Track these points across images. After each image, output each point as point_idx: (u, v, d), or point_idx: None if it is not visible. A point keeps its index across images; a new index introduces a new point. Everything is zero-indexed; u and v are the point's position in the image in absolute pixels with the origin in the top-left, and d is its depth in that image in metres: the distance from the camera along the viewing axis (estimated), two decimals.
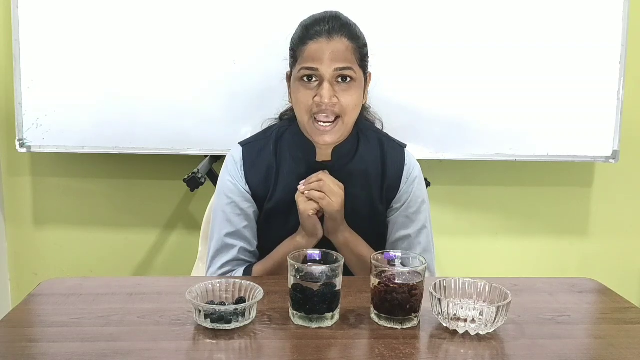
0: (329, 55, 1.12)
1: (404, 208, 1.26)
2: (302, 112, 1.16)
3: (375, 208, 1.26)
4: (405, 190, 1.26)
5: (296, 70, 1.16)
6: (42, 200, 1.96)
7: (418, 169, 1.29)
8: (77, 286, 1.05)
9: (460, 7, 1.75)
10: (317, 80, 1.14)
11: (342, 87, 1.14)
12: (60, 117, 1.73)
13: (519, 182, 2.03)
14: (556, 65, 1.79)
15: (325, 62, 1.12)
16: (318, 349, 0.83)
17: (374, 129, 1.32)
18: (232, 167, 1.25)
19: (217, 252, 1.24)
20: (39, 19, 1.69)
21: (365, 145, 1.26)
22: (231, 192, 1.24)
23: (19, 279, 2.01)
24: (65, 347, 0.82)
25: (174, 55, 1.72)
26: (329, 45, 1.12)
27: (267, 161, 1.24)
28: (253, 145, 1.27)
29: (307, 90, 1.14)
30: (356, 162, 1.24)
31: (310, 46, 1.13)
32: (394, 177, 1.25)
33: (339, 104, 1.14)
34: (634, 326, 0.95)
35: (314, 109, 1.14)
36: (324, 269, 0.91)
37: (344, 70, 1.13)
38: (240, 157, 1.25)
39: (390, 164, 1.26)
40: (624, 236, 2.10)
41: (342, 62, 1.13)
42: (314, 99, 1.13)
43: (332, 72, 1.12)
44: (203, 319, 0.88)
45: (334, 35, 1.13)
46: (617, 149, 1.83)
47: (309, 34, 1.14)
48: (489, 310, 0.88)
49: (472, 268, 2.06)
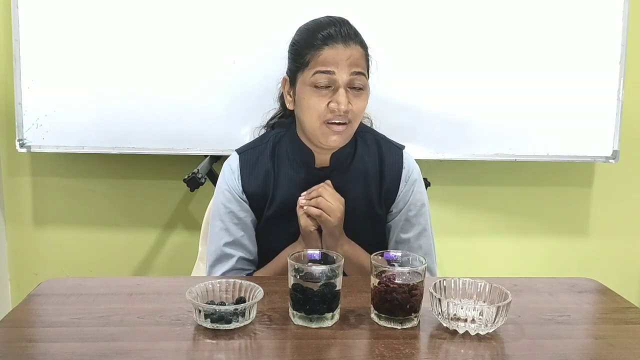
0: (345, 61, 1.11)
1: (404, 211, 1.25)
2: (312, 117, 1.15)
3: (374, 211, 1.25)
4: (404, 193, 1.25)
5: (307, 75, 1.14)
6: (42, 200, 1.96)
7: (417, 170, 1.28)
8: (77, 286, 1.05)
9: (460, 7, 1.75)
10: (330, 86, 1.13)
11: (354, 93, 1.14)
12: (60, 117, 1.73)
13: (519, 182, 2.03)
14: (556, 65, 1.79)
15: (342, 67, 1.11)
16: (318, 349, 0.83)
17: (371, 131, 1.31)
18: (229, 175, 1.25)
19: (216, 261, 1.24)
20: (39, 19, 1.69)
21: (363, 147, 1.25)
22: (228, 201, 1.24)
23: (19, 279, 2.01)
24: (65, 347, 0.82)
25: (174, 55, 1.72)
26: (345, 51, 1.12)
27: (265, 168, 1.23)
28: (250, 153, 1.26)
29: (321, 96, 1.13)
30: (354, 165, 1.24)
31: (326, 51, 1.12)
32: (392, 180, 1.25)
33: (352, 110, 1.14)
34: (634, 326, 0.95)
35: (328, 116, 1.13)
36: (324, 269, 0.91)
37: (358, 76, 1.13)
38: (237, 166, 1.24)
39: (389, 166, 1.25)
40: (624, 236, 2.10)
41: (358, 67, 1.13)
42: (329, 105, 1.12)
43: (348, 77, 1.12)
44: (203, 319, 0.88)
45: (349, 42, 1.13)
46: (617, 149, 1.83)
47: (322, 38, 1.13)
48: (489, 310, 0.88)
49: (472, 268, 2.06)
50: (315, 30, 1.15)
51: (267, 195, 1.22)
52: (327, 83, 1.12)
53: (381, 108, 1.41)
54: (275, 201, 1.22)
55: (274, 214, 1.23)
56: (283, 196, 1.21)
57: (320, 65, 1.12)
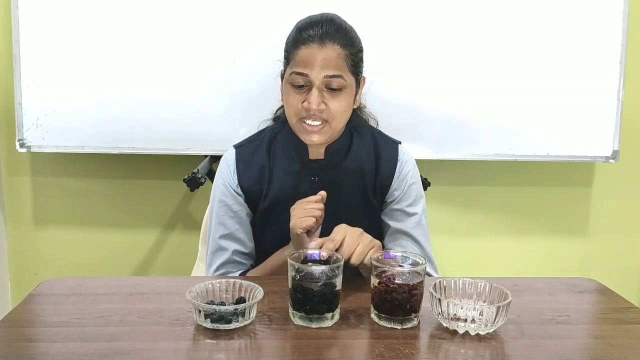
0: (319, 62, 1.12)
1: (398, 202, 1.26)
2: (290, 114, 1.18)
3: (369, 203, 1.26)
4: (397, 183, 1.27)
5: (288, 72, 1.17)
6: (42, 200, 1.96)
7: (412, 163, 1.30)
8: (77, 286, 1.05)
9: (461, 7, 1.75)
10: (306, 85, 1.14)
11: (331, 93, 1.15)
12: (60, 117, 1.73)
13: (519, 182, 2.03)
14: (556, 65, 1.79)
15: (315, 69, 1.12)
16: (318, 349, 0.83)
17: (367, 126, 1.33)
18: (225, 170, 1.27)
19: (212, 254, 1.26)
20: (39, 19, 1.69)
21: (358, 142, 1.27)
22: (224, 195, 1.25)
23: (19, 279, 2.01)
24: (65, 347, 0.82)
25: (174, 55, 1.72)
26: (321, 51, 1.12)
27: (261, 162, 1.25)
28: (246, 147, 1.28)
29: (297, 94, 1.15)
30: (350, 160, 1.25)
31: (302, 51, 1.14)
32: (387, 173, 1.26)
33: (327, 109, 1.15)
34: (634, 326, 0.95)
35: (303, 114, 1.16)
36: (324, 269, 0.91)
37: (334, 78, 1.13)
38: (234, 160, 1.26)
39: (384, 160, 1.27)
40: (624, 236, 2.10)
41: (332, 70, 1.13)
42: (303, 103, 1.15)
43: (321, 78, 1.13)
44: (203, 319, 0.88)
45: (326, 42, 1.13)
46: (617, 149, 1.83)
47: (301, 38, 1.15)
48: (489, 310, 0.88)
49: (472, 268, 2.06)
50: (300, 28, 1.18)
51: (262, 189, 1.24)
52: (302, 83, 1.14)
53: (381, 108, 1.42)
54: (269, 194, 1.24)
55: (268, 207, 1.24)
56: (277, 188, 1.23)
57: (296, 66, 1.14)
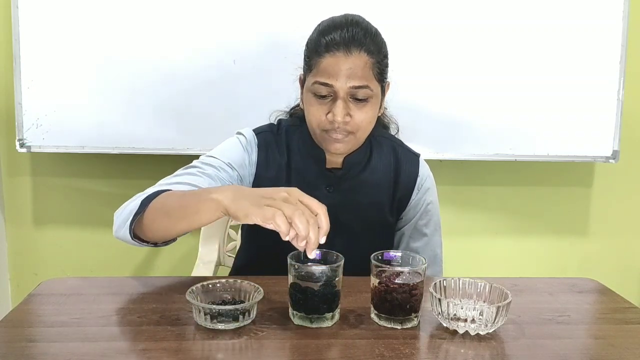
0: (345, 71, 1.04)
1: (414, 220, 1.24)
2: (313, 125, 1.11)
3: (384, 219, 1.23)
4: (415, 201, 1.23)
5: (309, 81, 1.09)
6: (42, 200, 1.96)
7: (431, 179, 1.26)
8: (77, 286, 1.05)
9: (461, 7, 1.75)
10: (330, 95, 1.08)
11: (356, 104, 1.08)
12: (60, 117, 1.73)
13: (519, 182, 2.03)
14: (556, 66, 1.79)
15: (341, 80, 1.05)
16: (318, 349, 0.83)
17: (387, 136, 1.27)
18: (245, 145, 1.17)
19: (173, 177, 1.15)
20: (39, 18, 1.69)
21: (378, 154, 1.21)
22: (235, 146, 1.17)
23: (19, 279, 2.01)
24: (65, 347, 0.82)
25: (174, 55, 1.72)
26: (347, 60, 1.04)
27: (277, 161, 1.19)
28: (265, 136, 1.20)
29: (320, 105, 1.09)
30: (368, 172, 1.20)
31: (326, 59, 1.05)
32: (406, 187, 1.22)
33: (352, 121, 1.08)
34: (634, 326, 0.95)
35: (327, 126, 1.09)
36: (324, 269, 0.91)
37: (360, 89, 1.06)
38: (256, 144, 1.18)
39: (404, 174, 1.22)
40: (624, 236, 2.10)
41: (359, 80, 1.05)
42: (327, 115, 1.08)
43: (347, 89, 1.06)
44: (203, 319, 0.88)
45: (352, 49, 1.04)
46: (617, 149, 1.83)
47: (325, 44, 1.06)
48: (489, 310, 0.88)
49: (472, 268, 2.06)
50: (322, 32, 1.09)
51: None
52: (326, 93, 1.07)
53: None
54: None
55: None
56: None
57: (319, 75, 1.07)
